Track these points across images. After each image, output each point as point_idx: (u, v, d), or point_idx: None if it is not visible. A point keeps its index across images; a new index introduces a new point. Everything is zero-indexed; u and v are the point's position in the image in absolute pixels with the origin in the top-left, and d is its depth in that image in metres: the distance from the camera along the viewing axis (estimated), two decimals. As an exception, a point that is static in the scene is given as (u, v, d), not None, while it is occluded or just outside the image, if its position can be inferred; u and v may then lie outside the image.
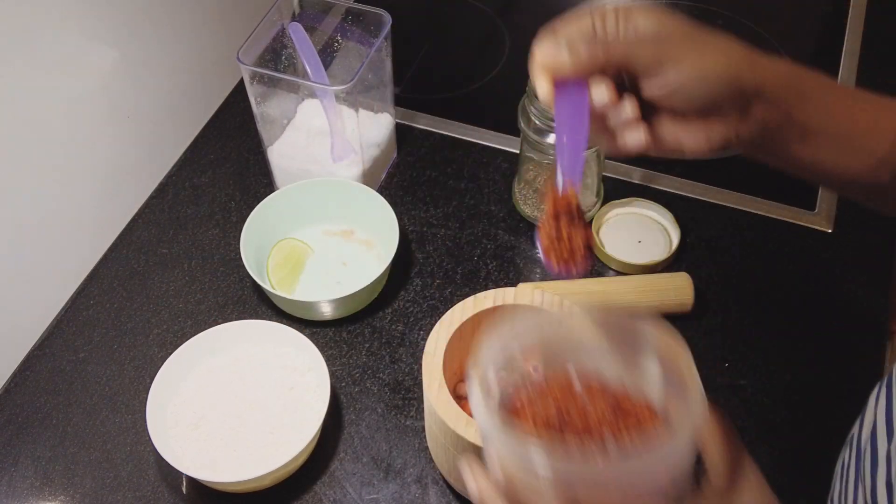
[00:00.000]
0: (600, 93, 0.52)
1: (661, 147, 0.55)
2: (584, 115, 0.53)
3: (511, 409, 0.52)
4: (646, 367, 0.53)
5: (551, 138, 0.83)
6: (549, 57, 0.52)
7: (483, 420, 0.48)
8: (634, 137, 0.53)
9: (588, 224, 0.56)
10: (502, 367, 0.53)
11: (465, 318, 0.71)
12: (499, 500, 0.49)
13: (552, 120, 0.77)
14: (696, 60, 0.51)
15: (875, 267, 0.90)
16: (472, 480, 0.50)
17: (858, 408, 0.64)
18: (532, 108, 0.82)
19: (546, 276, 0.90)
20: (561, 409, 0.51)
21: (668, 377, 0.53)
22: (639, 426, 0.51)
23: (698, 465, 0.51)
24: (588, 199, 0.91)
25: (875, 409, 0.66)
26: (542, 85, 0.53)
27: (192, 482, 0.76)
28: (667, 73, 0.51)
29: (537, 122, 0.83)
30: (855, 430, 0.67)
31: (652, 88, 0.52)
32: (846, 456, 0.67)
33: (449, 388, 0.67)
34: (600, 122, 0.54)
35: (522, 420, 0.51)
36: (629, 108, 0.52)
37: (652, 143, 0.54)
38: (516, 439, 0.47)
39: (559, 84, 0.53)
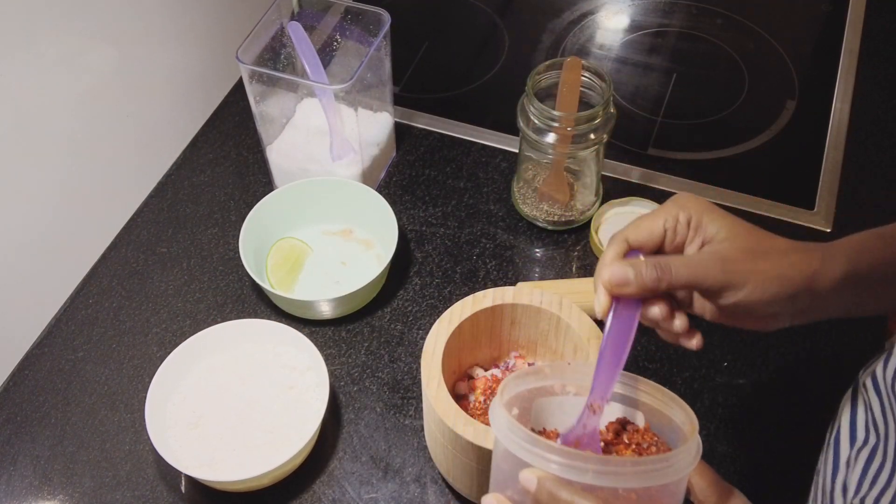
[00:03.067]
0: (655, 312, 0.56)
1: (716, 321, 0.58)
2: (632, 333, 0.55)
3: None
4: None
5: (550, 137, 0.83)
6: (616, 280, 0.55)
7: (509, 430, 0.50)
8: (691, 344, 0.57)
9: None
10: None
11: (464, 318, 0.71)
12: None
13: (552, 119, 0.78)
14: (758, 286, 0.54)
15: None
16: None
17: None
18: (531, 107, 0.82)
19: (545, 275, 0.90)
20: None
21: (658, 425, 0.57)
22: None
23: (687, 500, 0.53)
24: (587, 198, 0.91)
25: (840, 414, 0.66)
26: (602, 301, 0.56)
27: (191, 481, 0.76)
28: (728, 297, 0.54)
29: (536, 121, 0.83)
30: (827, 434, 0.68)
31: (714, 302, 0.56)
32: (820, 460, 0.67)
33: (448, 387, 0.67)
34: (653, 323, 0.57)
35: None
36: (679, 324, 0.56)
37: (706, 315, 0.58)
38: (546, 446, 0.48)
39: (616, 299, 0.56)
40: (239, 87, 1.09)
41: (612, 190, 0.97)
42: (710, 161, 1.00)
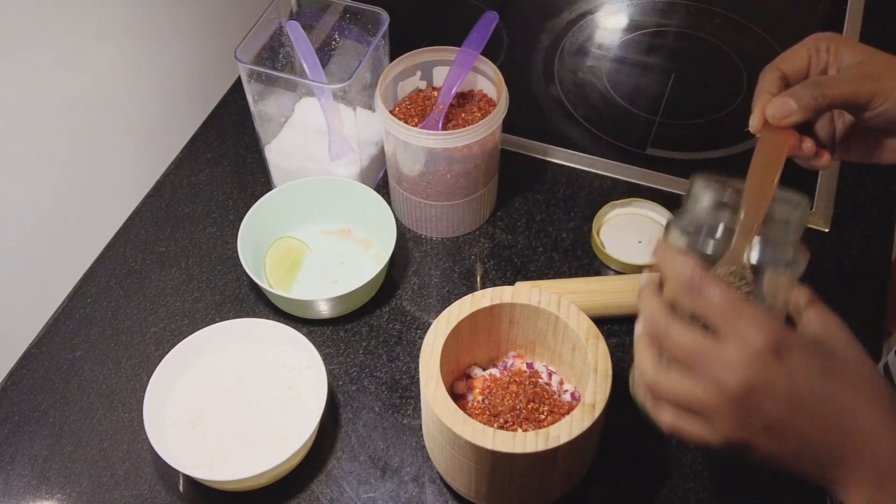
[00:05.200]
0: (808, 146, 0.61)
1: (859, 158, 0.64)
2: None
3: None
4: None
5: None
6: (781, 113, 0.59)
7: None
8: (821, 163, 0.63)
9: None
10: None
11: (462, 317, 0.71)
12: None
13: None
14: None
15: (872, 267, 0.90)
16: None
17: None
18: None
19: (544, 275, 0.90)
20: None
21: None
22: None
23: None
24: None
25: None
26: (756, 120, 0.61)
27: (190, 481, 0.76)
28: (878, 106, 0.59)
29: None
30: None
31: (864, 117, 0.60)
32: None
33: (446, 386, 0.67)
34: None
35: None
36: (808, 146, 0.62)
37: (849, 155, 0.64)
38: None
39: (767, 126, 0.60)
40: (237, 86, 1.09)
41: (612, 190, 0.97)
42: (708, 161, 1.00)
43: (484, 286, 0.87)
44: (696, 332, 0.49)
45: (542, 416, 0.72)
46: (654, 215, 0.93)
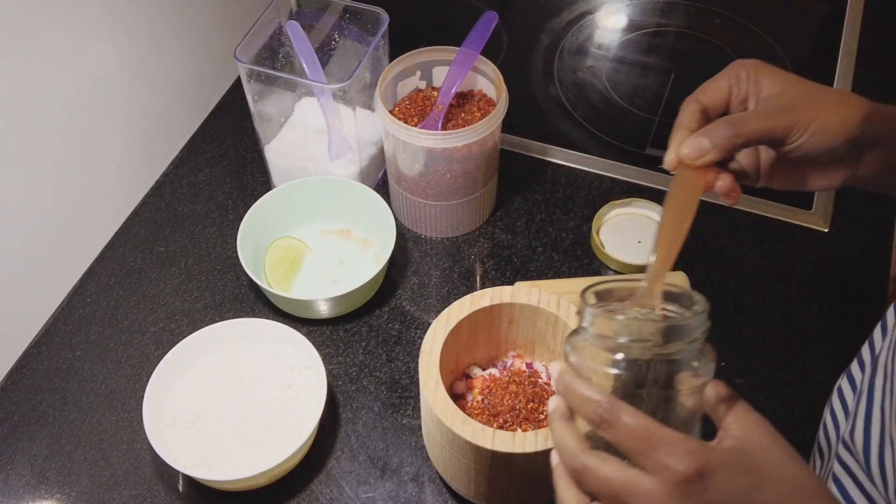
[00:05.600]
0: (722, 185, 0.59)
1: (784, 186, 0.63)
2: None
3: None
4: None
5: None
6: (695, 153, 0.58)
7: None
8: (731, 201, 0.61)
9: None
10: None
11: (462, 317, 0.71)
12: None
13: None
14: (819, 124, 0.57)
15: (871, 266, 0.90)
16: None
17: (854, 407, 0.64)
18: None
19: (543, 275, 0.90)
20: None
21: None
22: None
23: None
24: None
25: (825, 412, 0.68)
26: (671, 157, 0.59)
27: (189, 480, 0.76)
28: (795, 142, 0.58)
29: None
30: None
31: (783, 151, 0.59)
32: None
33: (445, 386, 0.67)
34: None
35: None
36: (733, 197, 0.60)
37: (774, 183, 0.63)
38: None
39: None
40: (237, 86, 1.09)
41: (612, 190, 0.97)
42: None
43: (483, 286, 0.87)
44: (615, 465, 0.47)
45: (542, 416, 0.72)
46: (653, 215, 0.93)
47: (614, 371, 0.49)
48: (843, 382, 0.69)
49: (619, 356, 0.49)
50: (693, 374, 0.49)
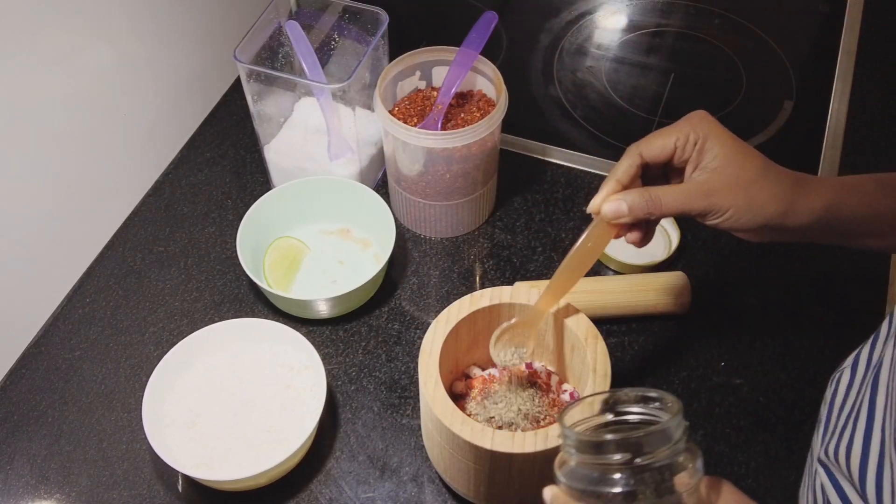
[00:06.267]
0: (632, 238, 0.66)
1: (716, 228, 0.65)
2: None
3: None
4: None
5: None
6: (612, 214, 0.64)
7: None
8: (638, 246, 0.68)
9: None
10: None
11: (461, 317, 0.71)
12: None
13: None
14: (734, 215, 0.62)
15: (871, 267, 0.90)
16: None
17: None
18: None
19: (542, 275, 0.90)
20: None
21: None
22: None
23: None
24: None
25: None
26: (595, 204, 0.65)
27: (188, 480, 0.76)
28: (711, 221, 0.63)
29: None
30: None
31: (700, 221, 0.64)
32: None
33: (445, 386, 0.67)
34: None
35: None
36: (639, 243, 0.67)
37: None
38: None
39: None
40: (237, 86, 1.09)
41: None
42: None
43: (483, 286, 0.87)
44: None
45: (541, 416, 0.72)
46: (653, 215, 0.93)
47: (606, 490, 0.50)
48: (831, 390, 0.69)
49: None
50: (685, 474, 0.50)
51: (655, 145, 0.64)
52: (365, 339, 0.86)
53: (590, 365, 0.68)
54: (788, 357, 0.84)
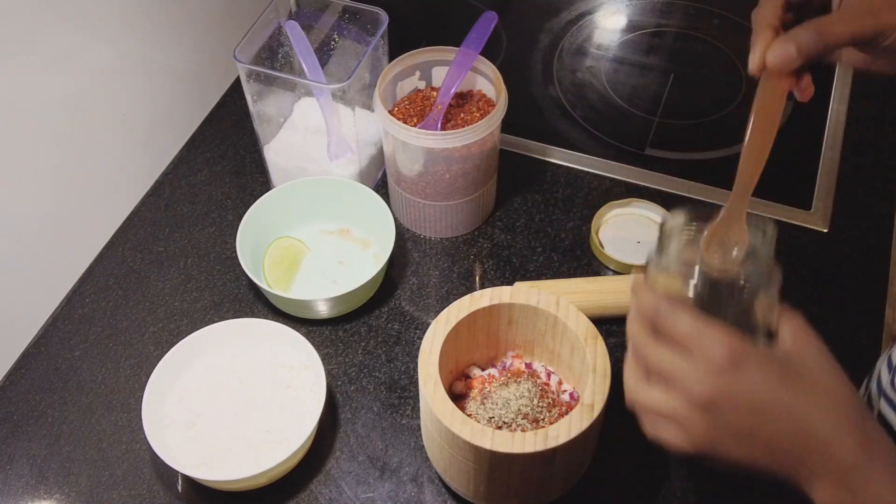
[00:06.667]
0: (805, 87, 0.61)
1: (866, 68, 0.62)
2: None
3: None
4: None
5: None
6: (781, 61, 0.58)
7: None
8: (806, 97, 0.62)
9: None
10: None
11: (461, 317, 0.71)
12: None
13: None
14: None
15: (871, 267, 0.90)
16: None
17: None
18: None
19: (542, 275, 0.90)
20: None
21: None
22: None
23: None
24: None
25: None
26: (756, 60, 0.61)
27: (188, 480, 0.76)
28: (882, 41, 0.57)
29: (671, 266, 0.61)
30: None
31: (870, 49, 0.59)
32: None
33: (445, 386, 0.67)
34: None
35: None
36: (808, 93, 0.61)
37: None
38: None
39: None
40: (236, 86, 1.09)
41: (612, 190, 0.97)
42: (707, 161, 1.00)
43: (483, 286, 0.87)
44: (669, 352, 0.53)
45: (541, 417, 0.72)
46: (652, 216, 0.93)
47: (691, 289, 0.56)
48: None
49: (696, 279, 0.56)
50: (763, 292, 0.56)
51: None
52: (365, 339, 0.86)
53: (590, 365, 0.68)
54: (788, 357, 0.84)
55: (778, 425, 0.51)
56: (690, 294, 0.56)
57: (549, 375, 0.76)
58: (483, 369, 0.78)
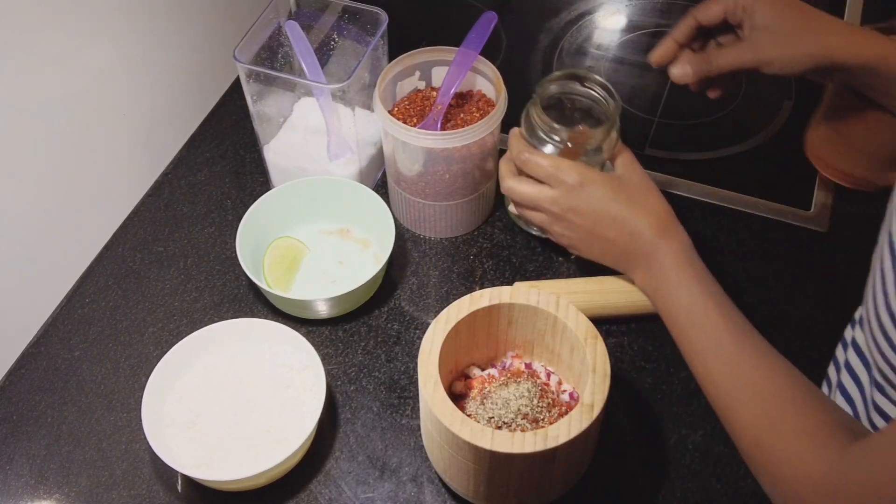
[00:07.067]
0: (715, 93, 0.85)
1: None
2: None
3: None
4: None
5: (548, 148, 0.82)
6: (679, 77, 0.81)
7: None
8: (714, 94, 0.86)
9: None
10: None
11: (460, 317, 0.71)
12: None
13: (553, 133, 0.81)
14: (783, 67, 0.76)
15: (870, 268, 0.90)
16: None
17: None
18: (536, 117, 0.81)
19: (542, 275, 0.90)
20: None
21: None
22: None
23: None
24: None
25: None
26: (657, 59, 0.83)
27: (188, 480, 0.76)
28: (762, 70, 0.77)
29: (540, 132, 0.82)
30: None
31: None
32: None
33: (444, 386, 0.67)
34: None
35: None
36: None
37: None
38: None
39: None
40: (236, 86, 1.09)
41: (610, 190, 0.97)
42: (707, 161, 1.00)
43: (482, 286, 0.87)
44: (531, 185, 0.78)
45: (541, 417, 0.72)
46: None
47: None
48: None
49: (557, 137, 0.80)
50: (613, 133, 0.80)
51: (708, 9, 0.78)
52: (364, 339, 0.86)
53: (589, 365, 0.68)
54: (788, 357, 0.84)
55: (610, 229, 0.74)
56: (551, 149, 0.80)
57: (548, 375, 0.76)
58: (483, 369, 0.78)
